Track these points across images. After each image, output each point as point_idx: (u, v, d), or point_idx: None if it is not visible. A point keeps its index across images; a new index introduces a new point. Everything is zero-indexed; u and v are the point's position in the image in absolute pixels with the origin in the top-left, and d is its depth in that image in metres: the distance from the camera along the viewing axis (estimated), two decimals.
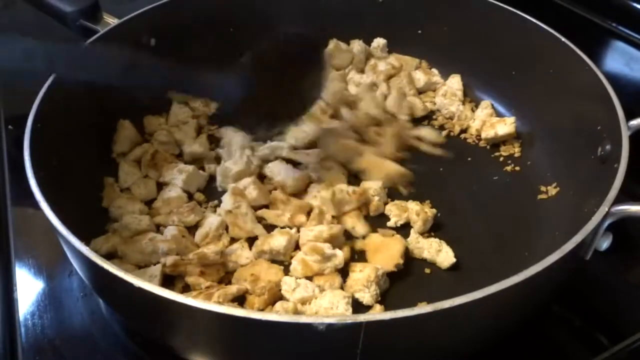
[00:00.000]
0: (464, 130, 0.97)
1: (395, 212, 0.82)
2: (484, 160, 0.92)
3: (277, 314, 0.51)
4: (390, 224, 0.82)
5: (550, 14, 0.98)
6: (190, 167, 0.86)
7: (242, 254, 0.76)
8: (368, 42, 1.07)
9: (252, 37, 1.03)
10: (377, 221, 0.82)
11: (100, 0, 0.94)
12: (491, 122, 0.94)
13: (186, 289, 0.73)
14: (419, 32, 1.06)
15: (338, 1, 1.07)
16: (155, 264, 0.73)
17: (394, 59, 1.05)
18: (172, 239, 0.75)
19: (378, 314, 0.51)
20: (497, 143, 0.94)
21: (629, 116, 0.73)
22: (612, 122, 0.73)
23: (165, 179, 0.86)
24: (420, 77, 1.03)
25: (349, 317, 0.50)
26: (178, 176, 0.85)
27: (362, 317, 0.51)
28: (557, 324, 0.73)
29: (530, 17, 0.92)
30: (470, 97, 1.02)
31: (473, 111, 0.99)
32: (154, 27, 0.95)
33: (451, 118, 0.98)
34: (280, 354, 0.57)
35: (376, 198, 0.83)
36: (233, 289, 0.71)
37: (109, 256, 0.75)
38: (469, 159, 0.92)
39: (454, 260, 0.75)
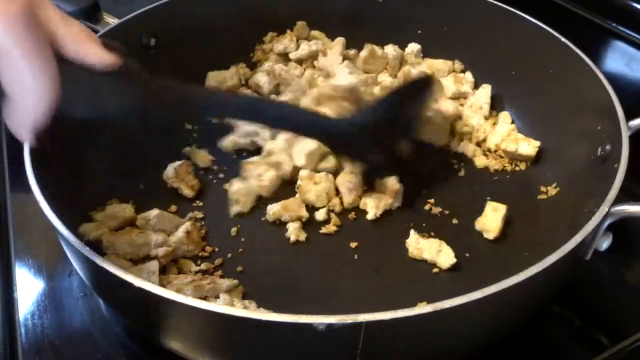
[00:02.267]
0: (478, 144, 0.94)
1: (371, 204, 0.82)
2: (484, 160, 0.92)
3: (277, 314, 0.51)
4: (370, 217, 0.81)
5: (550, 14, 0.98)
6: None
7: None
8: (367, 42, 1.07)
9: (252, 38, 1.06)
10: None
11: (100, 0, 0.94)
12: (515, 136, 0.90)
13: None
14: (419, 32, 1.06)
15: (337, 1, 1.07)
16: (144, 257, 0.73)
17: (426, 66, 1.04)
18: (156, 218, 0.77)
19: (378, 314, 0.51)
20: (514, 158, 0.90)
21: (629, 116, 0.73)
22: (612, 122, 0.73)
23: None
24: (449, 86, 1.00)
25: (349, 317, 0.50)
26: None
27: (362, 317, 0.50)
28: (557, 324, 0.73)
29: (530, 17, 0.92)
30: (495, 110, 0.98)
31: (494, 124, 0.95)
32: (154, 27, 0.95)
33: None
34: (280, 354, 0.57)
35: (354, 192, 0.83)
36: (223, 285, 0.71)
37: (99, 244, 0.74)
38: (469, 158, 0.92)
39: (454, 260, 0.75)
